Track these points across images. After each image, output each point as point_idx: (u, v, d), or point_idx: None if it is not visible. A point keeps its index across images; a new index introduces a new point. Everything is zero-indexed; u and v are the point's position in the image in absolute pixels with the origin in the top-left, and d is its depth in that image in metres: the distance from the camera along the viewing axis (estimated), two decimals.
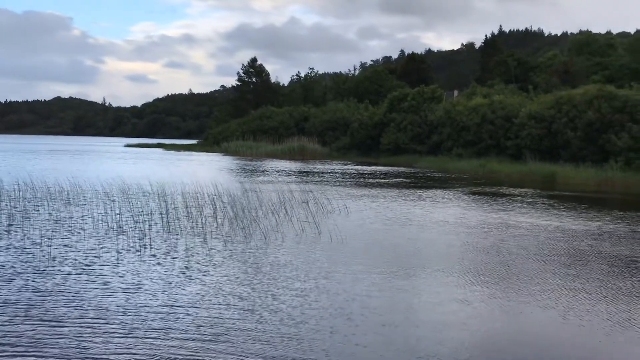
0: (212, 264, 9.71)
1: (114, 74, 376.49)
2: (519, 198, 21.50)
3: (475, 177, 33.18)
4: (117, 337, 6.28)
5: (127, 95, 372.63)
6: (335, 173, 33.88)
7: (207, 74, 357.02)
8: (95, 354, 5.81)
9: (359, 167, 40.76)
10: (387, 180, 28.85)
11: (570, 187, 27.59)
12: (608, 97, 33.68)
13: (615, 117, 32.68)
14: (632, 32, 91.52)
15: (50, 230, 12.28)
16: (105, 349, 5.94)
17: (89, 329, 6.49)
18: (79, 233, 12.17)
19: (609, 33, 75.97)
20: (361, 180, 28.83)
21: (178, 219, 14.02)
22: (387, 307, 7.54)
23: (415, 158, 46.94)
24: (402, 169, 39.57)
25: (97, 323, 6.71)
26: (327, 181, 27.31)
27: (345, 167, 41.09)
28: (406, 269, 9.62)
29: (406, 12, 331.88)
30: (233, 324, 6.78)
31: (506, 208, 18.22)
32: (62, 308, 7.22)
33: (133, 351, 5.90)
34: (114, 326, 6.62)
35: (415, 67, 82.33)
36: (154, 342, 6.15)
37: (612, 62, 54.87)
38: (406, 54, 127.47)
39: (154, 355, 5.83)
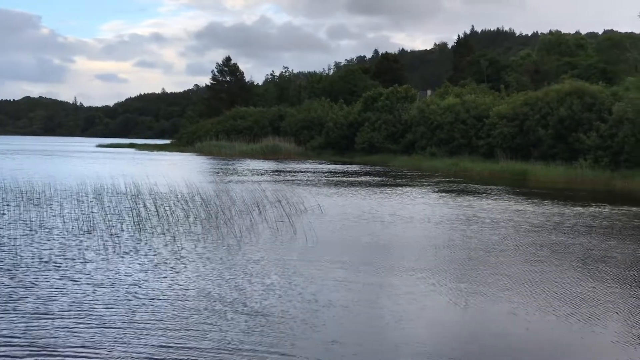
0: (182, 263, 9.64)
1: (83, 73, 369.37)
2: (486, 195, 21.78)
3: (448, 175, 33.51)
4: (83, 330, 6.26)
5: (99, 95, 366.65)
6: (310, 172, 33.90)
7: (178, 73, 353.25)
8: (62, 347, 5.80)
9: (334, 167, 40.85)
10: (361, 179, 28.96)
11: (541, 184, 28.06)
12: (580, 94, 34.31)
13: (584, 116, 33.34)
14: (600, 33, 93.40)
15: (19, 230, 12.05)
16: (72, 342, 5.93)
17: (55, 323, 6.48)
18: (48, 232, 11.97)
19: (577, 33, 77.43)
20: (336, 179, 28.89)
21: (149, 219, 13.87)
22: (358, 301, 7.62)
23: (390, 157, 47.21)
24: (376, 168, 39.77)
25: (63, 317, 6.72)
26: (302, 180, 27.31)
27: (320, 166, 41.14)
28: (378, 266, 9.73)
29: (374, 12, 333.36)
30: (199, 318, 6.81)
31: (471, 205, 18.51)
32: (28, 303, 7.22)
33: (100, 344, 5.87)
34: (80, 319, 6.66)
35: (389, 67, 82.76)
36: (120, 335, 6.17)
37: (580, 61, 55.96)
38: (380, 53, 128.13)
39: (121, 349, 5.82)
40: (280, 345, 6.09)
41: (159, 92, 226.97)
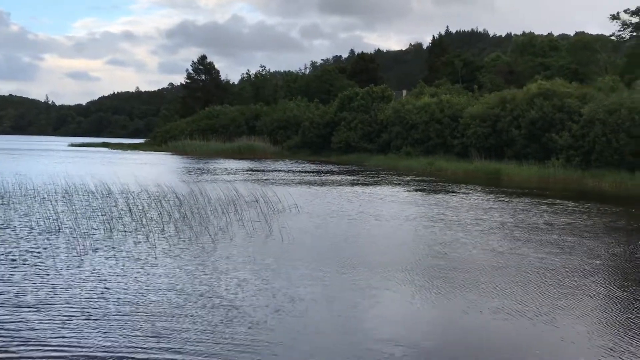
0: (154, 261, 9.50)
1: (54, 71, 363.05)
2: (457, 194, 21.96)
3: (423, 174, 33.71)
4: (48, 325, 6.21)
5: (70, 93, 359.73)
6: (287, 172, 33.80)
7: (150, 72, 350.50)
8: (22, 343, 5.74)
9: (311, 166, 40.81)
10: (337, 179, 28.96)
11: (514, 183, 28.38)
12: (549, 95, 34.81)
13: (557, 116, 33.84)
14: (572, 34, 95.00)
15: None
16: (39, 335, 5.85)
17: (21, 317, 6.40)
18: (17, 231, 11.69)
19: (550, 34, 78.63)
20: (312, 178, 28.85)
21: (122, 218, 13.66)
22: (326, 296, 7.65)
23: (366, 156, 47.35)
24: (352, 168, 39.83)
25: (31, 312, 6.67)
26: (278, 180, 27.21)
27: (297, 166, 41.06)
28: (349, 263, 9.74)
29: (346, 12, 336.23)
30: (166, 314, 6.80)
31: (440, 203, 18.72)
32: None
33: (66, 338, 5.80)
34: (47, 314, 6.64)
35: (364, 67, 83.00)
36: (87, 330, 6.15)
37: (552, 62, 56.85)
38: (356, 53, 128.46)
39: (87, 342, 5.79)
40: (246, 337, 6.21)
41: (133, 91, 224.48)
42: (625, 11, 45.02)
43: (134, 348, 5.86)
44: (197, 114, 71.94)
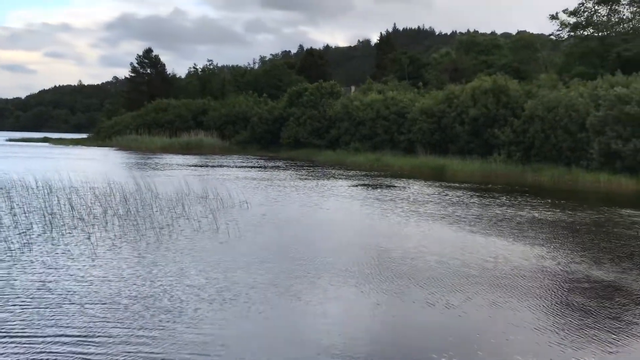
0: (94, 260, 9.30)
1: None
2: (396, 188, 22.38)
3: (370, 170, 34.12)
4: None
5: (8, 86, 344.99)
6: (235, 167, 33.55)
7: (91, 65, 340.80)
8: None
9: (259, 162, 40.64)
10: (285, 174, 28.97)
11: (457, 178, 29.10)
12: (501, 89, 35.72)
13: (500, 112, 34.84)
14: (514, 33, 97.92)
15: None
16: None
17: None
18: None
19: (493, 33, 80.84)
20: (260, 174, 28.75)
21: (62, 216, 13.27)
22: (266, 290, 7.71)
23: (315, 152, 47.48)
24: (301, 163, 39.90)
25: None
26: (227, 175, 27.00)
27: (245, 161, 40.82)
28: (291, 260, 9.81)
29: (287, 7, 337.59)
30: (105, 311, 6.71)
31: (379, 197, 19.12)
32: None
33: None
34: None
35: (313, 63, 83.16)
36: (15, 323, 6.04)
37: (495, 60, 58.49)
38: (305, 49, 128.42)
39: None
40: (183, 328, 6.28)
41: (75, 84, 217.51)
42: (563, 11, 46.63)
43: (63, 339, 5.84)
44: (144, 108, 70.27)
